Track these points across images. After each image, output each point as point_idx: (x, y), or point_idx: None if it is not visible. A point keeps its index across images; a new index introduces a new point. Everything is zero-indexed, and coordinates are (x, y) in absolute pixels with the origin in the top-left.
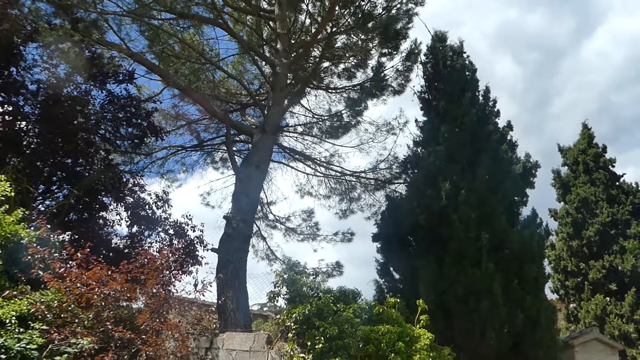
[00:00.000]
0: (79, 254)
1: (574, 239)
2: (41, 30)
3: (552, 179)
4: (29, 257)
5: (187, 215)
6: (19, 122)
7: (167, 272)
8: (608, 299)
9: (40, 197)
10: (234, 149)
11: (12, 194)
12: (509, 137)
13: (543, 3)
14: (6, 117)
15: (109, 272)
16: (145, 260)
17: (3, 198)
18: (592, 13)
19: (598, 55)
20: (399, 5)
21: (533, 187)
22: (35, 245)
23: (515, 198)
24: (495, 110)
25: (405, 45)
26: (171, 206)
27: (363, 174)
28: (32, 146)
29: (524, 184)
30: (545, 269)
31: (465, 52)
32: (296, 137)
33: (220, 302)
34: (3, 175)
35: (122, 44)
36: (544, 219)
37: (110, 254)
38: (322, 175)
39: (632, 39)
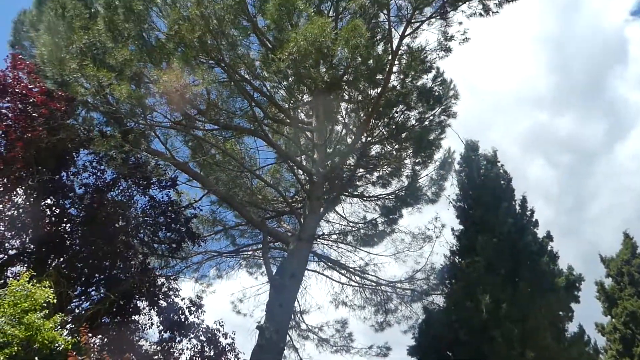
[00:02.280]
0: None
1: (624, 357)
2: (94, 139)
3: (596, 291)
4: None
5: (219, 322)
6: (64, 225)
7: None
8: None
9: (77, 300)
10: (269, 255)
11: (55, 300)
12: (549, 248)
13: (572, 107)
14: (53, 219)
15: None
16: None
17: (45, 304)
18: (623, 116)
19: (633, 158)
20: (431, 117)
21: (578, 301)
22: (73, 353)
23: (560, 313)
24: (534, 220)
25: (438, 155)
26: (204, 312)
27: (399, 284)
28: (74, 248)
29: (568, 297)
30: None
31: (499, 161)
32: (331, 245)
33: None
34: (46, 280)
35: (167, 153)
36: (591, 334)
37: None
38: (357, 284)
39: None
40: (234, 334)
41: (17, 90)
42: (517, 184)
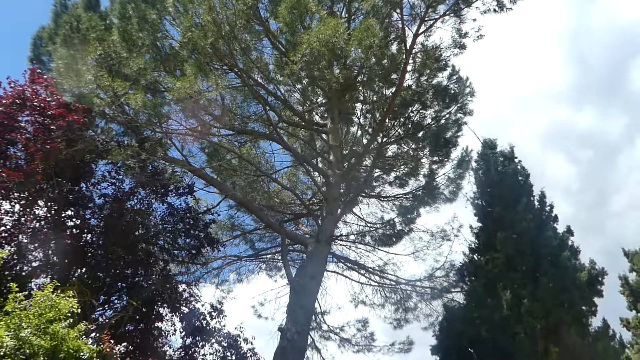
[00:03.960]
0: None
1: None
2: (112, 150)
3: (620, 285)
4: None
5: (240, 327)
6: (85, 235)
7: None
8: None
9: (100, 308)
10: (289, 258)
11: (79, 310)
12: (570, 243)
13: (592, 101)
14: (74, 230)
15: None
16: None
17: (69, 314)
18: None
19: None
20: (447, 116)
21: (601, 295)
22: None
23: (583, 308)
24: (553, 215)
25: (455, 153)
26: (225, 317)
27: (418, 283)
28: (96, 258)
29: (591, 292)
30: None
31: (516, 157)
32: (349, 246)
33: None
34: (70, 290)
35: (184, 160)
36: (616, 329)
37: None
38: (376, 284)
39: None
40: (254, 339)
41: (35, 103)
42: (536, 181)
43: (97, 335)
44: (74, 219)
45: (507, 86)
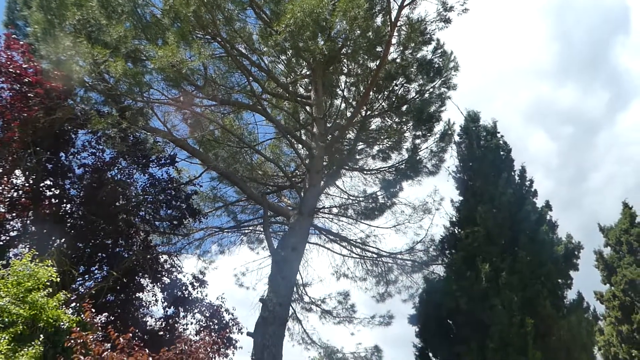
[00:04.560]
0: (121, 339)
1: (624, 324)
2: (91, 119)
3: (595, 260)
4: (72, 341)
5: (222, 297)
6: (64, 205)
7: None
8: None
9: (80, 278)
10: (271, 230)
11: (58, 279)
12: (548, 217)
13: (574, 78)
14: (52, 200)
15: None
16: (185, 347)
17: (48, 283)
18: (625, 86)
19: (635, 128)
20: (431, 90)
21: (577, 269)
22: (77, 329)
23: (559, 281)
24: (533, 190)
25: (439, 127)
26: (207, 287)
27: (400, 256)
28: (76, 228)
29: (567, 266)
30: (596, 356)
31: (499, 132)
32: (332, 219)
33: None
34: (49, 260)
35: (166, 130)
36: (590, 302)
37: (145, 337)
38: (358, 256)
39: None
40: (234, 310)
41: (11, 70)
42: (518, 156)
43: (77, 305)
44: (53, 189)
45: (491, 61)
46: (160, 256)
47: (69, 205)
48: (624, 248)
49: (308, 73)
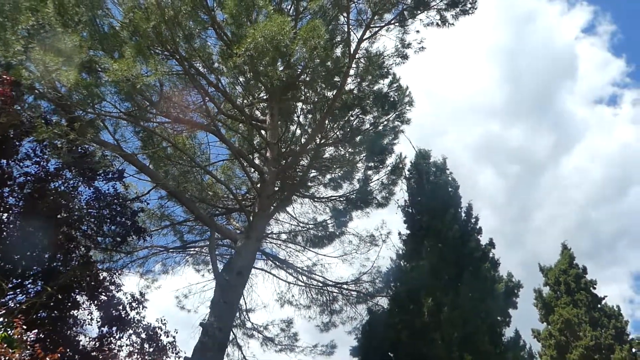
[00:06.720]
0: (48, 359)
1: None
2: (37, 126)
3: (534, 298)
4: None
5: (161, 320)
6: (0, 213)
7: None
8: None
9: (11, 292)
10: (217, 252)
11: None
12: (491, 255)
13: (523, 118)
14: None
15: None
16: None
17: None
18: (569, 131)
19: (577, 171)
20: (385, 122)
21: (516, 307)
22: (4, 345)
23: (499, 318)
24: (478, 227)
25: (390, 160)
26: (146, 307)
27: (345, 286)
28: (12, 239)
29: (506, 303)
30: None
31: (448, 169)
32: (280, 244)
33: None
34: None
35: (115, 144)
36: (527, 340)
37: (77, 357)
38: (303, 284)
39: (608, 158)
40: (176, 332)
41: None
42: (467, 192)
43: (5, 320)
44: None
45: (445, 98)
46: (100, 273)
47: (5, 215)
48: (562, 288)
49: (265, 97)
